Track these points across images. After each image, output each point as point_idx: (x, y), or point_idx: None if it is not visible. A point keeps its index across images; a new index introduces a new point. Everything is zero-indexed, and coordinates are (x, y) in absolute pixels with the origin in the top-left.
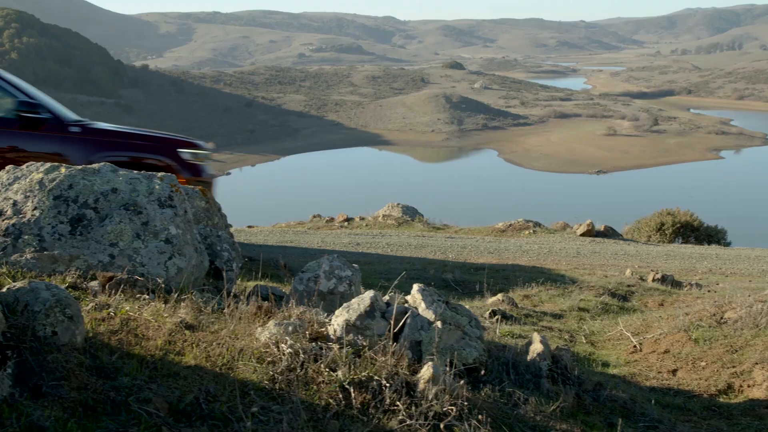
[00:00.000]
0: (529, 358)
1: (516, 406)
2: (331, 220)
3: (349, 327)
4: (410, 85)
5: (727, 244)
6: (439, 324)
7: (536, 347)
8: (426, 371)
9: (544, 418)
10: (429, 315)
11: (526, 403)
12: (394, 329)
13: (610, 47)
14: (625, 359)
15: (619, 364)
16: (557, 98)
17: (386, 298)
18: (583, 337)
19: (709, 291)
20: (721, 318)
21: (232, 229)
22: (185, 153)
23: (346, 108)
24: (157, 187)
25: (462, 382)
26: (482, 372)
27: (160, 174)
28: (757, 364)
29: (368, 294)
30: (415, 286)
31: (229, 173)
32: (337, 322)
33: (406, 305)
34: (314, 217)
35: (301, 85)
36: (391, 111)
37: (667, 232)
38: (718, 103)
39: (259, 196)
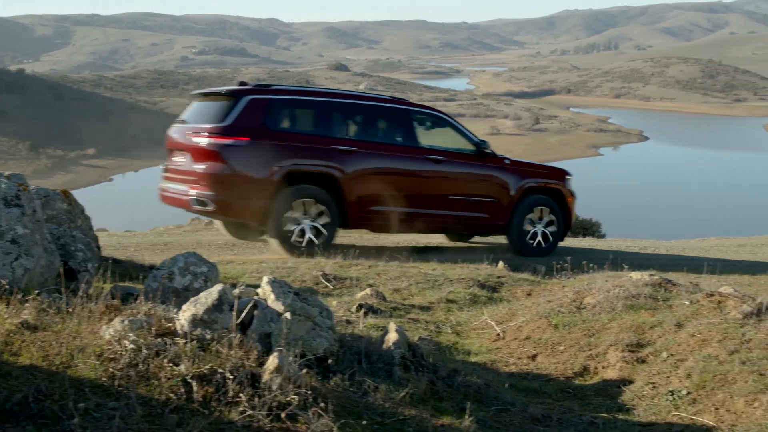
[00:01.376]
0: (384, 347)
1: (366, 394)
2: (210, 222)
3: (196, 321)
4: None
5: (602, 236)
6: (288, 315)
7: (392, 336)
8: (271, 362)
9: (393, 405)
10: (278, 307)
11: (376, 390)
12: (244, 322)
13: (492, 48)
14: (487, 347)
15: (481, 352)
16: (441, 99)
17: (237, 291)
18: (449, 328)
19: (578, 278)
20: (581, 304)
21: (106, 234)
22: (568, 179)
23: None
24: (2, 186)
25: (304, 371)
26: (333, 361)
27: (6, 173)
28: (611, 346)
29: (216, 288)
30: (265, 278)
31: (111, 179)
32: (184, 316)
33: (256, 298)
34: (193, 220)
35: (185, 88)
36: None
37: None
38: (597, 102)
39: (142, 201)
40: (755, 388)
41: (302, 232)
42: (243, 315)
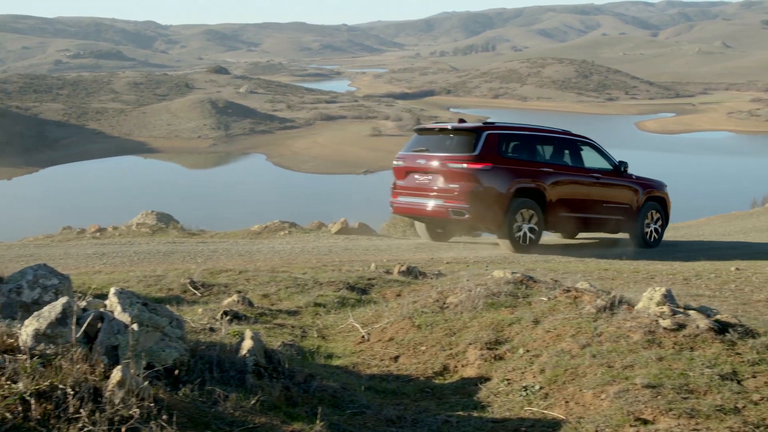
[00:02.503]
0: (239, 355)
1: (215, 403)
2: (83, 231)
3: (39, 336)
4: (174, 91)
5: (477, 234)
6: (135, 327)
7: (247, 344)
8: (115, 375)
9: (244, 413)
10: (125, 318)
11: (227, 399)
12: (90, 335)
13: (373, 50)
14: (351, 350)
15: (345, 355)
16: (323, 101)
17: (83, 303)
18: (315, 332)
19: (446, 278)
20: (444, 303)
21: None
22: (666, 187)
23: (108, 116)
24: None
25: (146, 383)
26: (182, 372)
27: None
28: (471, 344)
29: (60, 301)
30: (112, 290)
31: None
32: (26, 331)
33: (102, 310)
34: (64, 229)
35: (59, 93)
36: (156, 118)
37: None
38: (476, 102)
39: (13, 210)
40: (603, 380)
41: (523, 234)
42: (85, 327)
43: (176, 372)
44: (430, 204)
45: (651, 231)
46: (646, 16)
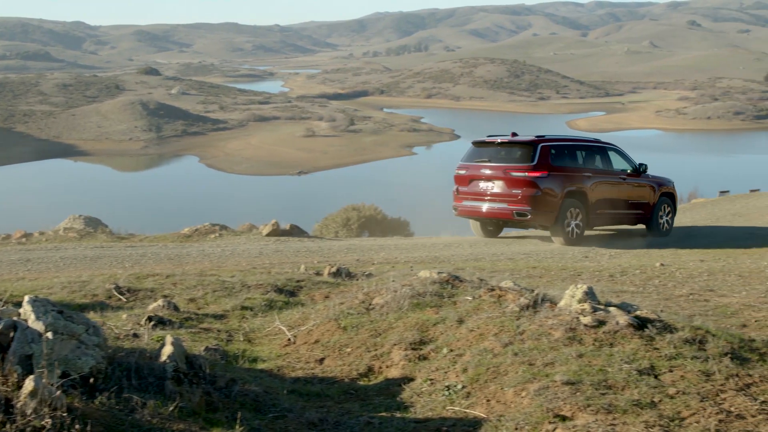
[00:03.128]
0: (159, 361)
1: (133, 411)
2: (8, 237)
3: None
4: (104, 93)
5: (410, 235)
6: (50, 335)
7: (167, 349)
8: (27, 385)
9: (162, 420)
10: (39, 326)
11: (144, 407)
12: (4, 344)
13: (306, 50)
14: (277, 353)
15: (270, 358)
16: (256, 102)
17: None
18: (241, 335)
19: (375, 279)
20: (370, 305)
21: None
22: (673, 183)
23: (36, 118)
24: None
25: (59, 393)
26: (99, 380)
27: None
28: (395, 345)
29: None
30: (26, 298)
31: None
32: None
33: (16, 319)
34: None
35: None
36: (86, 120)
37: (353, 226)
38: (409, 102)
39: None
40: (524, 378)
41: (572, 229)
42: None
43: (92, 380)
44: (495, 207)
45: (664, 222)
46: (575, 16)
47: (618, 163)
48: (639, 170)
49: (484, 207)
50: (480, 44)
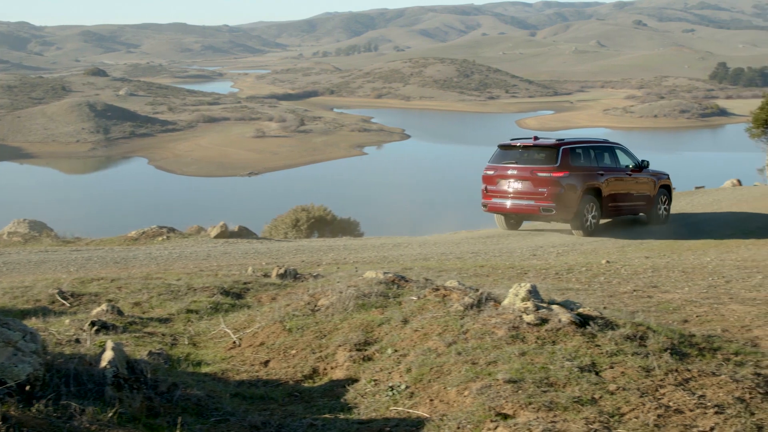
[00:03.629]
0: (100, 366)
1: (71, 418)
2: None
3: None
4: (50, 94)
5: (360, 235)
6: None
7: (108, 355)
8: None
9: (100, 427)
10: None
11: (83, 413)
12: None
13: (255, 51)
14: (222, 356)
15: (215, 362)
16: (205, 102)
17: None
18: (186, 339)
19: (323, 279)
20: (315, 306)
21: None
22: (668, 176)
23: None
24: None
25: None
26: (36, 387)
27: None
28: (340, 346)
29: None
30: None
31: None
32: None
33: None
34: None
35: None
36: (31, 122)
37: (302, 227)
38: (359, 102)
39: None
40: (467, 377)
41: (589, 222)
42: None
43: (29, 388)
44: (522, 203)
45: (662, 211)
46: (524, 16)
47: (624, 159)
48: (641, 166)
49: (511, 204)
50: (429, 44)
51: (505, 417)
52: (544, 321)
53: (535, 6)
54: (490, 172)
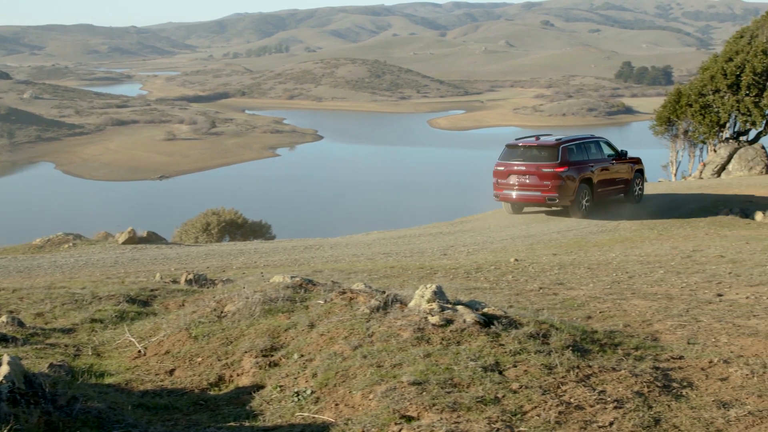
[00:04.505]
0: None
1: None
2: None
3: None
4: None
5: (272, 238)
6: None
7: (3, 369)
8: None
9: None
10: None
11: None
12: None
13: (164, 52)
14: (126, 366)
15: (119, 372)
16: (113, 105)
17: None
18: (90, 349)
19: (229, 285)
20: (222, 312)
21: None
22: (641, 161)
23: None
24: None
25: None
26: None
27: None
28: (246, 352)
29: None
30: None
31: None
32: None
33: None
34: None
35: None
36: None
37: (213, 231)
38: (271, 104)
39: None
40: (372, 380)
41: (584, 206)
42: None
43: None
44: (529, 194)
45: (638, 191)
46: (434, 16)
47: (607, 150)
48: (621, 155)
49: (519, 194)
50: (341, 45)
51: (410, 419)
52: (449, 322)
53: (445, 7)
54: (501, 168)
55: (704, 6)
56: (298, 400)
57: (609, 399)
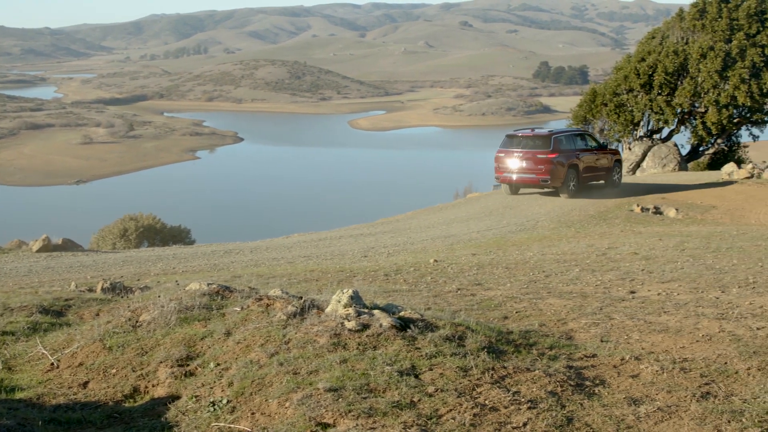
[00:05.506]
0: None
1: None
2: None
3: None
4: None
5: (191, 243)
6: None
7: None
8: None
9: None
10: None
11: None
12: None
13: (79, 54)
14: (39, 379)
15: (31, 386)
16: (27, 109)
17: None
18: (0, 363)
19: (146, 293)
20: (137, 322)
21: None
22: (619, 152)
23: None
24: None
25: None
26: None
27: None
28: (162, 362)
29: None
30: None
31: None
32: None
33: None
34: None
35: None
36: None
37: (131, 237)
38: (190, 106)
39: None
40: (288, 388)
41: (571, 188)
42: None
43: None
44: (525, 176)
45: (617, 178)
46: (353, 17)
47: (590, 142)
48: (603, 146)
49: (516, 176)
50: (260, 46)
51: (326, 426)
52: (365, 327)
53: (364, 7)
54: (501, 155)
55: (618, 7)
56: (214, 410)
57: (523, 399)
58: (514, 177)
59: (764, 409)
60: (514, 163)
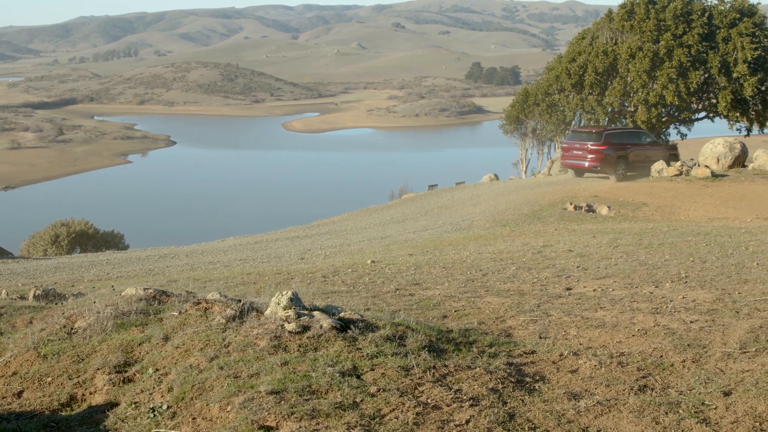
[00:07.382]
0: None
1: None
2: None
3: None
4: None
5: (125, 248)
6: None
7: None
8: None
9: None
10: None
11: None
12: None
13: (5, 57)
14: None
15: None
16: None
17: None
18: None
19: (81, 299)
20: (72, 329)
21: None
22: (676, 146)
23: None
24: None
25: None
26: None
27: None
28: (99, 369)
29: None
30: None
31: None
32: None
33: None
34: None
35: None
36: None
37: (63, 243)
38: (121, 109)
39: None
40: (229, 391)
41: (621, 174)
42: None
43: None
44: (584, 163)
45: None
46: (286, 19)
47: (647, 138)
48: (657, 141)
49: (579, 163)
50: (192, 48)
51: (269, 429)
52: (305, 328)
53: (297, 9)
54: (565, 145)
55: (548, 8)
56: (154, 416)
57: (465, 397)
58: (575, 163)
59: (700, 400)
60: (576, 153)
